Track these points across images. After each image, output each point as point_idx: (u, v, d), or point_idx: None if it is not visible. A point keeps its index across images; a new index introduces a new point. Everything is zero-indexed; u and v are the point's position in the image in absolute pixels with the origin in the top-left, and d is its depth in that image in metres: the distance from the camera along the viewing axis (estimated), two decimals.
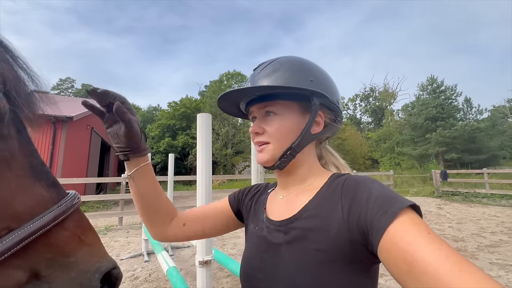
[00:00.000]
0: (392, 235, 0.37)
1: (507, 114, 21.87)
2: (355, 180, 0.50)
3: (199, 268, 1.44)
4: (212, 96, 25.92)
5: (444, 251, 0.33)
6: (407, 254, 0.35)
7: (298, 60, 0.60)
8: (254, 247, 0.58)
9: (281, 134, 0.56)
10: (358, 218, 0.43)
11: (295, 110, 0.57)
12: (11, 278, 0.32)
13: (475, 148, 16.32)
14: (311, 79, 0.56)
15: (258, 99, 0.59)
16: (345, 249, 0.44)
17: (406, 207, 0.40)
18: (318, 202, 0.51)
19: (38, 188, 0.37)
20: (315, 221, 0.49)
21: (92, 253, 0.40)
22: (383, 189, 0.44)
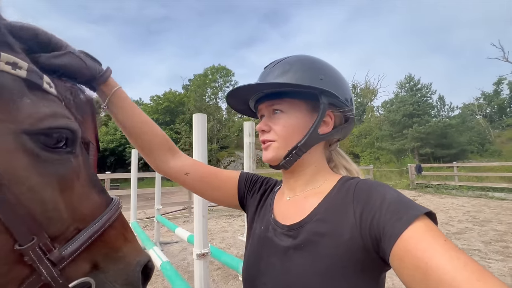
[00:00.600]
0: (406, 242, 0.36)
1: (475, 112, 23.51)
2: (367, 184, 0.48)
3: (197, 261, 1.52)
4: (196, 90, 25.50)
5: (462, 259, 0.32)
6: (421, 262, 0.33)
7: (308, 58, 0.58)
8: (259, 249, 0.56)
9: (287, 133, 0.55)
10: (371, 223, 0.42)
11: (303, 109, 0.56)
12: (81, 268, 0.39)
13: (447, 143, 17.47)
14: (321, 78, 0.55)
15: (267, 97, 0.58)
16: (357, 256, 0.43)
17: (421, 214, 0.38)
18: (329, 206, 0.50)
19: (95, 195, 0.44)
20: (326, 226, 0.47)
21: (133, 248, 0.48)
22: (398, 195, 0.43)
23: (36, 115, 0.35)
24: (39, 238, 0.33)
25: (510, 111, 22.93)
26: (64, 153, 0.38)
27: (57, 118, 0.37)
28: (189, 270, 3.40)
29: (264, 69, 0.61)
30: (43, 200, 0.35)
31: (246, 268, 0.57)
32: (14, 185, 0.32)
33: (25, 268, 0.33)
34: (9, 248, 0.32)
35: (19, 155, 0.33)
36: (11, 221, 0.31)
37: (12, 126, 0.33)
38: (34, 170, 0.34)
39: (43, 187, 0.35)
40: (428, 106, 20.14)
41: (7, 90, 0.33)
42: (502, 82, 23.45)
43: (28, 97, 0.35)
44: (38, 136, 0.35)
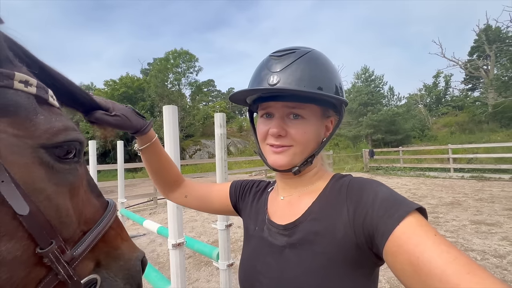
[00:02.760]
0: (398, 238, 0.37)
1: (418, 101, 26.54)
2: (359, 182, 0.48)
3: (172, 251, 1.56)
4: (157, 75, 23.85)
5: (452, 253, 0.32)
6: (413, 256, 0.34)
7: (325, 60, 0.55)
8: (255, 249, 0.57)
9: (306, 140, 0.53)
10: (364, 220, 0.42)
11: (319, 116, 0.55)
12: (88, 267, 0.43)
13: (395, 130, 19.53)
14: (340, 86, 0.54)
15: (284, 98, 0.53)
16: (351, 253, 0.44)
17: (412, 210, 0.39)
18: (323, 205, 0.50)
19: (94, 199, 0.48)
20: (320, 224, 0.48)
21: (130, 246, 0.53)
22: (389, 192, 0.43)
23: (51, 130, 0.37)
24: (56, 241, 0.37)
25: (445, 101, 26.46)
26: (73, 162, 0.41)
27: (68, 131, 0.40)
28: (159, 262, 3.41)
29: (272, 59, 0.54)
30: (58, 207, 0.38)
31: (243, 269, 0.58)
32: (33, 196, 0.35)
33: (42, 269, 0.36)
34: (32, 252, 0.35)
35: (37, 167, 0.36)
36: (33, 228, 0.34)
37: (29, 142, 0.35)
38: (49, 181, 0.37)
39: (57, 195, 0.38)
40: (380, 96, 22.10)
41: (23, 108, 0.35)
42: (440, 75, 26.79)
43: (41, 113, 0.37)
44: (53, 149, 0.38)
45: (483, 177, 9.03)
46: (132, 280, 0.49)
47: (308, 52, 0.54)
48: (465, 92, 24.67)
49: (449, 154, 10.39)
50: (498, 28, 20.48)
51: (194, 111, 25.45)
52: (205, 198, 0.75)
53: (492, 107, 17.67)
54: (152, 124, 0.67)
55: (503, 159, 9.39)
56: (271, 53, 0.56)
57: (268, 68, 0.53)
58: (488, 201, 5.71)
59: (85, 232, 0.44)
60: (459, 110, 22.74)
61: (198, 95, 28.73)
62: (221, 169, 1.84)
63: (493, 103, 17.77)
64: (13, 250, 0.33)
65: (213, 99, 42.29)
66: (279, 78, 0.51)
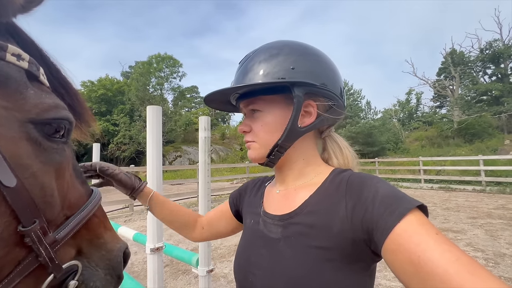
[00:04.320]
0: (398, 236, 0.36)
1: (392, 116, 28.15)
2: (360, 177, 0.47)
3: (150, 256, 1.50)
4: (139, 78, 23.24)
5: (454, 252, 0.32)
6: (414, 255, 0.33)
7: (278, 46, 0.54)
8: (250, 241, 0.57)
9: (265, 132, 0.53)
10: (363, 217, 0.41)
11: (280, 104, 0.53)
12: (68, 254, 0.41)
13: (371, 142, 20.44)
14: (292, 67, 0.50)
15: (243, 97, 0.55)
16: (347, 248, 0.43)
17: (413, 207, 0.38)
18: (320, 198, 0.49)
19: (78, 185, 0.47)
20: (316, 218, 0.47)
21: (113, 236, 0.51)
22: (390, 188, 0.42)
23: (41, 106, 0.36)
24: (39, 221, 0.35)
25: (416, 117, 28.34)
26: (61, 142, 0.40)
27: (59, 109, 0.39)
28: (134, 271, 3.24)
29: (239, 64, 0.58)
30: (43, 186, 0.36)
31: (237, 260, 0.58)
32: (19, 171, 0.33)
33: (22, 250, 0.35)
34: (13, 230, 0.33)
35: (24, 143, 0.35)
36: (17, 204, 0.32)
37: (18, 115, 0.34)
38: (36, 158, 0.36)
39: (43, 173, 0.37)
40: (358, 109, 23.18)
41: (13, 81, 0.34)
42: (412, 93, 28.74)
43: (31, 88, 0.36)
44: (42, 126, 0.37)
45: (450, 188, 9.67)
46: (113, 271, 0.48)
47: (259, 47, 0.56)
48: (434, 109, 26.64)
49: (420, 166, 11.05)
50: (462, 52, 22.60)
51: (176, 117, 24.95)
52: (215, 222, 0.76)
53: (457, 123, 19.21)
54: (146, 183, 0.76)
55: (466, 172, 10.17)
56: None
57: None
58: (454, 210, 6.11)
59: (68, 216, 0.42)
60: (429, 126, 24.40)
61: (181, 101, 28.32)
62: (204, 173, 1.82)
63: (458, 120, 19.34)
64: None
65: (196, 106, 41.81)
66: (233, 80, 0.58)
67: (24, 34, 0.40)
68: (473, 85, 21.52)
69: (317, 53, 0.55)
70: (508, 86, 19.38)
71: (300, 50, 0.54)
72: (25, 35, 0.40)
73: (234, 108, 0.64)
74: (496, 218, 5.26)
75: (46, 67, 0.42)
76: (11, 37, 0.37)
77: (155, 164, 1.53)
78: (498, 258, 3.30)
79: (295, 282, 0.44)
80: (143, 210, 6.67)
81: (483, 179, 9.21)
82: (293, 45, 0.54)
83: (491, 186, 9.03)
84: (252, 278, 0.51)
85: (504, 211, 5.78)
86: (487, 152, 13.22)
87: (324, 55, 0.56)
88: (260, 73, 0.52)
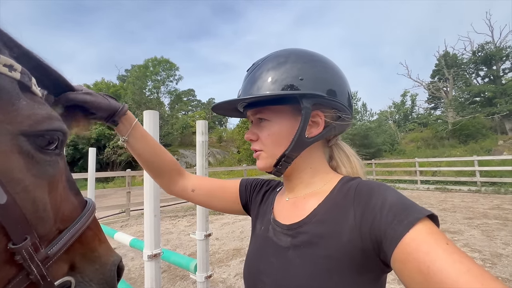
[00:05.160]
0: (407, 245, 0.35)
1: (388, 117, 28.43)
2: (368, 185, 0.46)
3: (148, 262, 1.48)
4: (135, 82, 23.17)
5: (465, 263, 0.31)
6: (423, 265, 0.33)
7: (285, 54, 0.54)
8: (260, 249, 0.56)
9: (272, 141, 0.54)
10: (372, 225, 0.41)
11: (288, 115, 0.53)
12: (61, 269, 0.40)
13: (368, 143, 20.58)
14: (301, 78, 0.51)
15: (250, 105, 0.56)
16: (357, 258, 0.42)
17: (423, 217, 0.37)
18: (329, 207, 0.49)
19: (72, 197, 0.45)
20: (325, 227, 0.46)
21: (107, 249, 0.50)
22: (399, 197, 0.42)
23: (34, 117, 0.35)
24: (31, 237, 0.34)
25: (412, 118, 28.66)
26: (54, 154, 0.39)
27: (52, 120, 0.38)
28: (130, 277, 3.19)
29: (246, 72, 0.58)
30: (35, 200, 0.35)
31: (247, 267, 0.57)
32: (10, 186, 0.32)
33: (13, 268, 0.33)
34: (3, 247, 0.32)
35: (16, 156, 0.33)
36: (7, 221, 0.31)
37: (9, 128, 0.33)
38: (28, 171, 0.35)
39: (35, 187, 0.35)
40: (355, 112, 23.35)
41: (5, 92, 0.33)
42: (407, 95, 29.12)
43: (23, 99, 0.35)
44: (34, 138, 0.35)
45: (446, 188, 9.75)
46: (107, 286, 0.46)
47: (268, 56, 0.56)
48: (429, 111, 26.99)
49: (416, 167, 11.13)
50: (455, 54, 22.99)
51: (172, 120, 24.87)
52: (214, 194, 0.72)
53: (452, 125, 19.47)
54: (128, 106, 0.62)
55: (462, 172, 10.28)
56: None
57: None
58: (451, 211, 6.16)
59: (61, 230, 0.41)
60: (424, 127, 24.68)
61: (178, 104, 28.25)
62: (201, 175, 1.82)
63: (452, 121, 19.61)
64: None
65: (192, 109, 41.74)
66: (241, 89, 0.58)
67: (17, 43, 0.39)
68: (466, 87, 21.86)
69: (325, 60, 0.56)
70: (500, 87, 19.74)
71: (307, 57, 0.54)
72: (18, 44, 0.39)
73: (240, 114, 0.63)
74: (492, 218, 5.32)
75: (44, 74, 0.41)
76: (3, 46, 0.36)
77: None
78: (495, 259, 3.33)
79: None
80: (140, 215, 6.60)
81: (478, 179, 9.30)
82: (300, 53, 0.55)
83: (486, 187, 9.12)
84: (262, 286, 0.51)
85: (499, 211, 5.84)
86: (482, 152, 13.40)
87: (331, 62, 0.57)
88: (268, 80, 0.52)
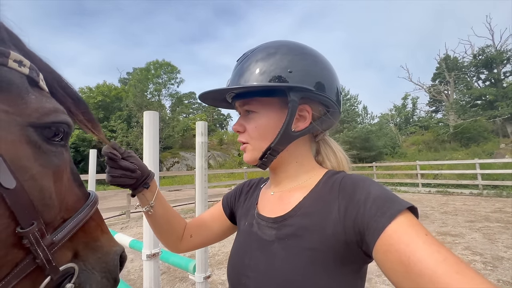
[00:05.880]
0: (389, 237, 0.36)
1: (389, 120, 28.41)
2: (352, 180, 0.47)
3: (147, 262, 1.49)
4: (137, 85, 23.31)
5: (443, 253, 0.33)
6: (404, 256, 0.34)
7: (275, 45, 0.54)
8: (244, 244, 0.56)
9: (259, 134, 0.53)
10: (355, 218, 0.42)
11: (275, 107, 0.52)
12: (65, 256, 0.42)
13: (368, 146, 20.57)
14: (290, 70, 0.50)
15: (238, 96, 0.55)
16: (340, 251, 0.43)
17: (404, 209, 0.38)
18: (314, 201, 0.49)
19: (76, 188, 0.47)
20: (310, 220, 0.47)
21: (109, 239, 0.51)
22: (382, 190, 0.43)
23: (41, 110, 0.38)
24: (37, 223, 0.36)
25: (413, 121, 28.62)
26: (59, 145, 0.41)
27: (58, 113, 0.40)
28: (130, 279, 3.19)
29: (236, 62, 0.58)
30: (42, 188, 0.37)
31: (231, 263, 0.57)
32: (18, 173, 0.34)
33: (20, 252, 0.35)
34: (11, 231, 0.34)
35: (24, 146, 0.36)
36: (15, 206, 0.33)
37: (19, 119, 0.35)
38: (35, 161, 0.37)
39: (42, 176, 0.37)
40: (355, 114, 23.37)
41: (15, 86, 0.36)
42: (408, 98, 29.12)
43: (32, 93, 0.38)
44: (42, 129, 0.38)
45: (447, 191, 9.71)
46: (109, 275, 0.48)
47: (258, 47, 0.56)
48: (430, 114, 26.97)
49: (417, 170, 11.11)
50: (456, 58, 23.02)
51: (173, 123, 24.96)
52: (205, 226, 0.70)
53: (453, 128, 19.41)
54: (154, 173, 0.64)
55: (463, 175, 10.22)
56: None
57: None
58: (452, 214, 6.13)
59: (66, 219, 0.43)
60: (425, 130, 24.62)
61: (179, 107, 28.38)
62: (201, 178, 1.82)
63: (454, 125, 19.56)
64: None
65: (194, 112, 41.90)
66: (229, 79, 0.57)
67: (23, 44, 0.41)
68: (467, 90, 21.85)
69: (315, 53, 0.55)
70: (501, 90, 19.71)
71: (297, 50, 0.53)
72: (24, 45, 0.41)
73: (229, 105, 0.62)
74: (494, 221, 5.28)
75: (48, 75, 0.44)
76: (12, 45, 0.39)
77: (151, 169, 1.53)
78: (496, 262, 3.30)
79: (289, 284, 0.44)
80: (140, 217, 6.60)
81: (480, 182, 9.26)
82: (290, 45, 0.54)
83: (488, 190, 9.07)
84: (246, 280, 0.51)
85: (501, 215, 5.80)
86: (483, 156, 13.34)
87: (321, 56, 0.56)
88: (257, 72, 0.51)
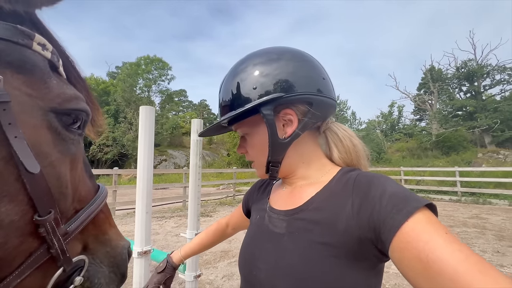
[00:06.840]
0: (406, 234, 0.35)
1: (376, 127, 29.22)
2: (368, 176, 0.47)
3: (137, 259, 1.46)
4: (126, 80, 22.71)
5: (464, 252, 0.31)
6: (422, 253, 0.33)
7: (232, 70, 0.55)
8: (255, 236, 0.57)
9: (256, 152, 0.56)
10: (370, 215, 0.41)
11: (262, 123, 0.52)
12: (76, 248, 0.41)
13: None
14: (254, 87, 0.50)
15: (230, 122, 0.58)
16: (353, 246, 0.42)
17: (422, 206, 0.37)
18: (327, 196, 0.49)
19: (87, 179, 0.47)
20: (322, 214, 0.47)
21: (117, 233, 0.51)
22: (398, 187, 0.42)
23: (64, 96, 0.37)
24: (54, 212, 0.35)
25: (398, 128, 29.59)
26: (77, 134, 0.40)
27: (79, 100, 0.39)
28: None
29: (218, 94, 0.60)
30: (59, 176, 0.36)
31: (242, 255, 0.58)
32: (39, 159, 0.33)
33: (35, 241, 0.34)
34: (29, 219, 0.33)
35: (45, 131, 0.35)
36: (35, 193, 0.32)
37: (41, 103, 0.34)
38: (55, 147, 0.36)
39: (60, 163, 0.37)
40: (344, 120, 23.93)
41: (39, 69, 0.35)
42: (394, 105, 30.09)
43: (54, 78, 0.37)
44: (62, 116, 0.37)
45: (429, 197, 10.05)
46: (117, 269, 0.48)
47: (225, 77, 0.58)
48: (414, 122, 27.94)
49: (401, 176, 11.47)
50: (440, 69, 24.05)
51: (162, 120, 24.51)
52: (237, 224, 0.84)
53: (435, 136, 20.24)
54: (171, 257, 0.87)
55: (444, 182, 10.67)
56: None
57: None
58: None
59: (78, 210, 0.42)
60: (409, 137, 25.51)
61: (169, 104, 27.88)
62: (194, 175, 1.82)
63: (436, 133, 20.40)
64: (12, 213, 0.31)
65: (184, 110, 41.34)
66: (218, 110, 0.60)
67: (45, 27, 0.40)
68: (449, 101, 22.86)
69: (281, 51, 0.53)
70: (481, 103, 20.78)
71: (258, 58, 0.53)
72: (46, 28, 0.41)
73: (228, 129, 0.64)
74: (471, 226, 5.55)
75: (64, 60, 0.43)
76: (34, 28, 0.38)
77: (146, 165, 1.51)
78: None
79: (299, 277, 0.44)
80: (125, 215, 6.45)
81: (459, 189, 9.69)
82: (252, 57, 0.54)
83: (466, 197, 9.50)
84: (257, 272, 0.51)
85: (478, 220, 6.10)
86: (462, 164, 13.97)
87: (289, 51, 0.54)
88: (229, 100, 0.54)
